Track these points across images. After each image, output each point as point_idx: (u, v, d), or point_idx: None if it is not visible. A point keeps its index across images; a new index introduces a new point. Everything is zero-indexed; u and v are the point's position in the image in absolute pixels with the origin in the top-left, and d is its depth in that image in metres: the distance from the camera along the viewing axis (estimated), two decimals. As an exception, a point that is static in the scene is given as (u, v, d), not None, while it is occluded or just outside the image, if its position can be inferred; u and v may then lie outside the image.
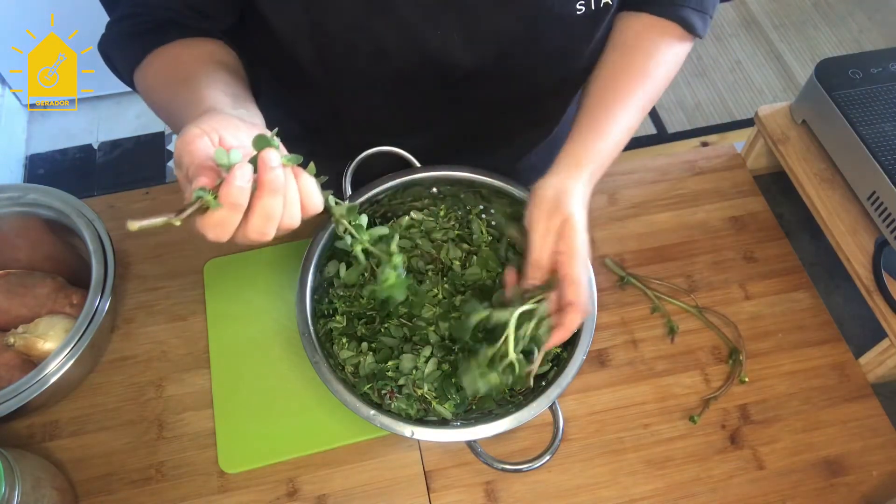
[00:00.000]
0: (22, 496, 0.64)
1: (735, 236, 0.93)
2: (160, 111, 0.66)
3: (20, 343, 0.78)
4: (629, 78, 0.72)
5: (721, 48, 2.31)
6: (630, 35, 0.73)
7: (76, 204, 0.82)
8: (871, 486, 0.76)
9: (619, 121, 0.70)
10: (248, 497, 0.75)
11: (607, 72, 0.73)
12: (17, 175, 2.06)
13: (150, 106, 0.68)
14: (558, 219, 0.64)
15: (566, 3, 0.66)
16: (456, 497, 0.75)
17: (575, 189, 0.66)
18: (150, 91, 0.66)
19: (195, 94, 0.59)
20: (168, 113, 0.64)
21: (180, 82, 0.62)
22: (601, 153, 0.69)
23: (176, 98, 0.61)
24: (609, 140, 0.70)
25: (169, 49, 0.65)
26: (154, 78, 0.65)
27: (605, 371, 0.82)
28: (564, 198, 0.65)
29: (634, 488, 0.75)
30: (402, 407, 0.69)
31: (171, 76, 0.64)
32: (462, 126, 0.82)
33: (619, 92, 0.71)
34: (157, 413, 0.80)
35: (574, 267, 0.63)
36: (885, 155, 0.80)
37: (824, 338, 0.85)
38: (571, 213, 0.64)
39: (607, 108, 0.70)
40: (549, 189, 0.66)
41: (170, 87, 0.63)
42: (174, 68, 0.64)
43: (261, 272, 0.89)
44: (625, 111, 0.70)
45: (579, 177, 0.67)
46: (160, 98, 0.65)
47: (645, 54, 0.72)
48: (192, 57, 0.65)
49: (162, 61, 0.65)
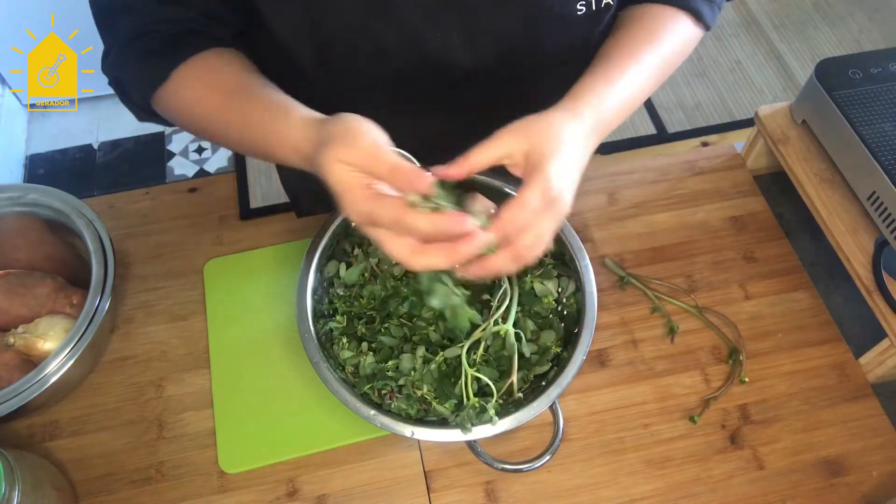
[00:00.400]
0: (22, 496, 0.64)
1: (735, 236, 0.93)
2: (202, 121, 0.65)
3: (20, 343, 0.78)
4: (640, 40, 0.69)
5: (721, 48, 2.31)
6: (639, 11, 0.71)
7: (76, 204, 0.82)
8: (871, 486, 0.76)
9: (628, 73, 0.66)
10: (248, 497, 0.75)
11: (614, 38, 0.70)
12: (17, 175, 2.06)
13: (181, 120, 0.67)
14: (525, 144, 0.57)
15: (567, 3, 0.66)
16: (456, 497, 0.75)
17: (564, 122, 0.59)
18: (187, 104, 0.65)
19: (268, 100, 0.60)
20: (220, 122, 0.64)
21: (231, 92, 0.62)
22: (605, 99, 0.63)
23: (232, 107, 0.62)
24: (616, 88, 0.64)
25: (196, 62, 0.64)
26: (191, 90, 0.64)
27: (605, 371, 0.82)
28: (546, 127, 0.58)
29: (634, 488, 0.75)
30: (402, 407, 0.69)
31: (215, 86, 0.63)
32: (462, 126, 0.82)
33: (628, 50, 0.67)
34: (157, 413, 0.80)
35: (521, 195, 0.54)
36: (885, 155, 0.80)
37: (824, 338, 0.85)
38: (544, 144, 0.56)
39: (615, 62, 0.66)
40: (533, 121, 0.59)
41: (217, 97, 0.63)
42: (216, 78, 0.64)
43: (261, 272, 0.89)
44: (636, 65, 0.66)
45: (574, 109, 0.61)
46: (203, 109, 0.64)
47: (657, 22, 0.70)
48: (226, 65, 0.65)
49: (195, 74, 0.64)
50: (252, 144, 0.64)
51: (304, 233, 0.92)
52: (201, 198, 0.97)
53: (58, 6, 1.81)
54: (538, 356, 0.72)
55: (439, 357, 0.68)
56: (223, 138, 0.66)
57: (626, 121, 2.13)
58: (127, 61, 0.65)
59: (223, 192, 0.98)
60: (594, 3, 0.67)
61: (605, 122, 0.64)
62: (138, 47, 0.64)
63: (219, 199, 0.97)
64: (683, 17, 0.71)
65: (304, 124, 0.58)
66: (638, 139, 2.10)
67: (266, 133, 0.61)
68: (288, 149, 0.59)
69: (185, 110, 0.65)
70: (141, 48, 0.64)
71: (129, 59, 0.65)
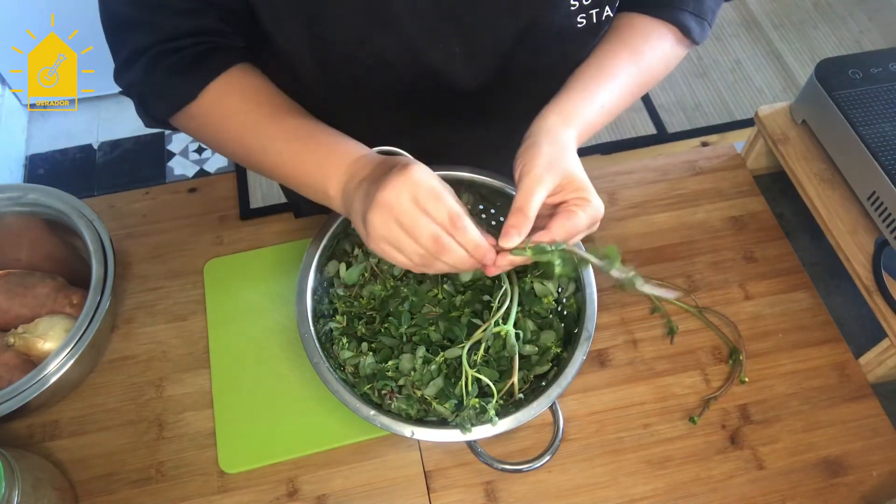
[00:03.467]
0: (22, 496, 0.64)
1: (735, 236, 0.93)
2: (233, 137, 0.66)
3: (20, 343, 0.78)
4: (619, 53, 0.70)
5: (721, 48, 2.31)
6: (624, 20, 0.72)
7: (76, 204, 0.82)
8: (871, 486, 0.76)
9: (606, 91, 0.68)
10: (248, 497, 0.75)
11: (599, 50, 0.71)
12: (17, 175, 2.06)
13: (206, 136, 0.67)
14: (558, 177, 0.60)
15: (567, 17, 0.66)
16: (456, 497, 0.75)
17: (570, 140, 0.63)
18: (216, 121, 0.65)
19: (313, 125, 0.65)
20: (254, 139, 0.65)
21: (268, 115, 0.65)
22: (586, 113, 0.66)
23: (271, 125, 0.64)
24: (594, 106, 0.66)
25: (227, 78, 0.64)
26: (223, 108, 0.65)
27: (605, 371, 0.82)
28: (561, 152, 0.61)
29: (634, 488, 0.75)
30: (402, 407, 0.69)
31: (249, 107, 0.65)
32: (462, 136, 0.82)
33: (607, 63, 0.69)
34: (157, 413, 0.80)
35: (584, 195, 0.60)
36: (885, 155, 0.80)
37: (824, 338, 0.85)
38: (570, 169, 0.60)
39: (593, 76, 0.68)
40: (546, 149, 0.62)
41: (253, 116, 0.65)
42: (250, 96, 0.65)
43: (261, 272, 0.89)
44: (613, 79, 0.68)
45: (568, 122, 0.64)
46: (237, 126, 0.65)
47: (641, 37, 0.71)
48: (256, 82, 0.66)
49: (228, 91, 0.65)
50: (286, 171, 0.65)
51: (304, 233, 0.92)
52: (201, 198, 0.97)
53: (58, 6, 1.81)
54: (538, 356, 0.72)
55: (439, 357, 0.68)
56: (248, 157, 0.67)
57: (626, 121, 2.13)
58: (154, 78, 0.64)
59: (223, 192, 0.98)
60: (595, 17, 0.67)
61: (582, 140, 0.67)
62: (166, 65, 0.63)
63: (219, 199, 0.97)
64: (670, 32, 0.71)
65: (359, 160, 0.62)
66: (638, 139, 2.10)
67: (311, 163, 0.63)
68: (333, 181, 0.62)
69: (214, 127, 0.66)
70: (170, 66, 0.63)
71: (157, 76, 0.63)
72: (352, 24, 0.64)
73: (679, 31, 0.71)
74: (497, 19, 0.66)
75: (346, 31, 0.65)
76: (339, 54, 0.67)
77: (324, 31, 0.65)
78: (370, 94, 0.73)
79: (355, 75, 0.70)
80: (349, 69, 0.69)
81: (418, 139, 0.80)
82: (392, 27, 0.64)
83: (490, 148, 0.86)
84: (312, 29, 0.64)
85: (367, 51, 0.66)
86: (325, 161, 0.62)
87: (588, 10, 0.66)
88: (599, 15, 0.67)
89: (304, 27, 0.64)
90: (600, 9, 0.67)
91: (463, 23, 0.65)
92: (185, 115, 0.65)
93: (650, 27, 0.71)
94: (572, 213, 0.59)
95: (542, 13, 0.66)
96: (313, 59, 0.68)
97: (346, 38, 0.65)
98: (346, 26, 0.64)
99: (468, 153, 0.84)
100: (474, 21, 0.65)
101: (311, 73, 0.70)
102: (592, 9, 0.66)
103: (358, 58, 0.67)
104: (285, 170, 0.65)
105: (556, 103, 0.66)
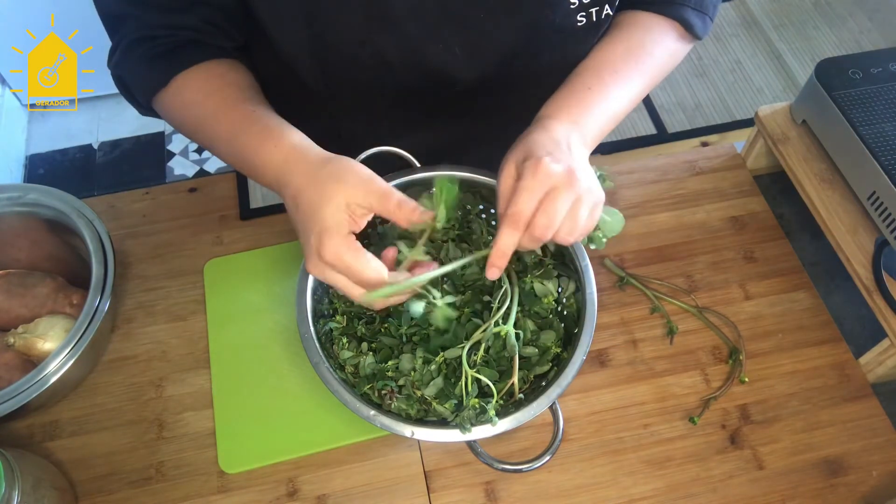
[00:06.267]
0: (22, 496, 0.64)
1: (735, 236, 0.93)
2: (194, 127, 0.67)
3: (20, 343, 0.78)
4: (624, 51, 0.69)
5: (721, 48, 2.31)
6: (626, 17, 0.72)
7: (76, 204, 0.82)
8: (871, 486, 0.76)
9: (611, 86, 0.67)
10: (248, 497, 0.75)
11: (600, 46, 0.71)
12: (17, 175, 2.06)
13: (176, 123, 0.68)
14: (521, 154, 0.59)
15: (567, 15, 0.66)
16: (456, 497, 0.75)
17: (556, 129, 0.62)
18: (182, 110, 0.67)
19: (258, 116, 0.63)
20: (209, 130, 0.66)
21: (225, 102, 0.65)
22: (592, 111, 0.66)
23: (221, 118, 0.64)
24: (600, 100, 0.66)
25: (196, 70, 0.66)
26: (186, 96, 0.66)
27: (605, 371, 0.82)
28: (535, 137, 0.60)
29: (634, 488, 0.75)
30: (402, 407, 0.69)
31: (211, 94, 0.65)
32: (462, 132, 0.82)
33: (609, 58, 0.69)
34: (157, 413, 0.80)
35: (525, 180, 0.56)
36: (885, 155, 0.80)
37: (824, 338, 0.85)
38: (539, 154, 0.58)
39: (594, 72, 0.68)
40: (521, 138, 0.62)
41: (209, 106, 0.65)
42: (213, 87, 0.66)
43: (261, 272, 0.89)
44: (620, 80, 0.68)
45: (565, 119, 0.64)
46: (196, 116, 0.66)
47: (643, 30, 0.70)
48: (224, 75, 0.67)
49: (194, 81, 0.66)
50: (235, 157, 0.65)
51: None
52: (201, 198, 0.97)
53: (58, 6, 1.82)
54: (538, 356, 0.72)
55: (439, 357, 0.68)
56: (209, 145, 0.68)
57: (626, 121, 2.13)
58: (131, 63, 0.67)
59: (223, 192, 0.98)
60: (594, 15, 0.67)
61: (591, 137, 0.66)
62: (142, 51, 0.66)
63: (219, 199, 0.97)
64: (673, 29, 0.71)
65: (294, 152, 0.60)
66: (638, 139, 2.10)
67: (251, 149, 0.62)
68: (269, 169, 0.61)
69: (179, 115, 0.67)
70: (144, 52, 0.66)
71: (133, 61, 0.66)
72: (352, 25, 0.64)
73: (681, 27, 0.71)
74: (497, 19, 0.66)
75: (346, 32, 0.65)
76: (339, 54, 0.67)
77: (324, 32, 0.65)
78: (371, 94, 0.73)
79: (356, 75, 0.70)
80: (349, 69, 0.69)
81: (419, 138, 0.80)
82: (392, 27, 0.64)
83: (490, 147, 0.86)
84: (312, 29, 0.65)
85: (367, 51, 0.66)
86: (259, 168, 0.63)
87: (588, 8, 0.66)
88: (599, 13, 0.67)
89: (305, 27, 0.64)
90: (600, 7, 0.67)
91: (463, 22, 0.65)
92: (158, 103, 0.68)
93: (653, 23, 0.71)
94: (518, 195, 0.56)
95: (542, 12, 0.66)
96: (313, 60, 0.68)
97: (346, 39, 0.65)
98: (346, 26, 0.64)
99: (469, 152, 0.84)
100: (474, 21, 0.65)
101: (311, 74, 0.70)
102: (592, 7, 0.67)
103: (358, 58, 0.67)
104: (235, 158, 0.66)
105: (553, 100, 0.66)
